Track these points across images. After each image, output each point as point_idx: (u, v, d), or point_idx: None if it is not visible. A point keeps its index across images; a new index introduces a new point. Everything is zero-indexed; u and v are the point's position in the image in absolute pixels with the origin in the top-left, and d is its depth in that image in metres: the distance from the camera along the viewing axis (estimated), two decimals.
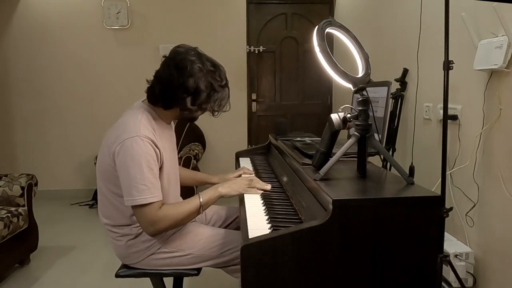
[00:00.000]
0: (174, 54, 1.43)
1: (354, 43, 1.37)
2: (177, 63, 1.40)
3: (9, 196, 2.57)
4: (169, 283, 1.78)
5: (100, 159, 1.47)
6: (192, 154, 3.59)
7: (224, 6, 4.34)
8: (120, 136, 1.37)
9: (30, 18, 4.17)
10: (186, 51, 1.43)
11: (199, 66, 1.40)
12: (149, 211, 1.36)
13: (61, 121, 4.32)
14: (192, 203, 1.44)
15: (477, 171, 1.88)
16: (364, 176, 1.30)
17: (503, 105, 1.72)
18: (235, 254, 1.50)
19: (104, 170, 1.45)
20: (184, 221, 1.44)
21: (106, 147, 1.43)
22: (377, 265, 1.06)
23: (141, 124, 1.39)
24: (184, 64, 1.39)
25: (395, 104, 2.57)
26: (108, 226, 1.53)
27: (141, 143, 1.35)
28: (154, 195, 1.36)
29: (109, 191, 1.47)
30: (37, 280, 2.47)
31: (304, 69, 4.57)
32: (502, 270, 1.76)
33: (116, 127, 1.44)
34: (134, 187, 1.34)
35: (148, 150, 1.37)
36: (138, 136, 1.36)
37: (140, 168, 1.34)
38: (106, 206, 1.51)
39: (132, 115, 1.44)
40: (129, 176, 1.35)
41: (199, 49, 1.46)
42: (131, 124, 1.39)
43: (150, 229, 1.39)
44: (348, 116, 1.25)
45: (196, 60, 1.40)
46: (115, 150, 1.37)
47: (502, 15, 1.65)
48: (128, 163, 1.34)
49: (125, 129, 1.39)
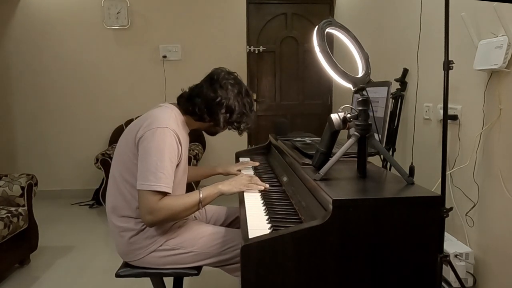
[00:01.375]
0: (217, 75, 1.59)
1: (354, 43, 1.37)
2: (221, 84, 1.56)
3: (9, 196, 2.57)
4: (169, 283, 1.78)
5: (121, 146, 1.53)
6: (192, 154, 3.59)
7: (224, 6, 4.34)
8: (152, 124, 1.45)
9: (30, 18, 4.17)
10: (227, 74, 1.61)
11: (238, 89, 1.59)
12: (153, 199, 1.39)
13: (61, 121, 4.32)
14: (191, 197, 1.47)
15: (477, 171, 1.88)
16: (364, 176, 1.30)
17: (503, 105, 1.72)
18: (235, 252, 1.51)
19: (123, 157, 1.50)
20: (181, 214, 1.46)
21: (132, 133, 1.49)
22: (377, 265, 1.06)
23: (171, 119, 1.50)
24: (226, 86, 1.56)
25: (395, 104, 2.57)
26: (113, 216, 1.55)
27: (169, 135, 1.43)
28: (167, 185, 1.41)
29: (123, 179, 1.50)
30: (37, 280, 2.47)
31: (304, 69, 4.57)
32: (502, 270, 1.76)
33: (147, 117, 1.51)
34: (153, 173, 1.39)
35: (173, 143, 1.45)
36: (168, 128, 1.44)
37: (162, 156, 1.40)
38: (115, 195, 1.54)
39: (164, 110, 1.54)
40: (150, 160, 1.40)
41: (237, 75, 1.65)
42: (163, 116, 1.49)
43: (148, 218, 1.41)
44: (348, 116, 1.25)
45: (235, 84, 1.59)
46: (143, 135, 1.44)
47: (502, 15, 1.65)
48: (153, 148, 1.41)
49: (157, 119, 1.47)
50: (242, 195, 1.52)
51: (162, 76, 4.24)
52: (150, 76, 4.28)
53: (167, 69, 4.27)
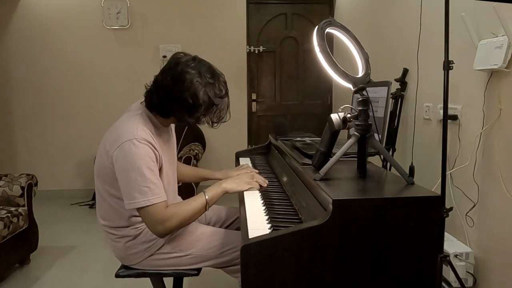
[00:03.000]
0: (174, 64, 1.40)
1: (354, 43, 1.37)
2: (176, 75, 1.38)
3: (9, 196, 2.57)
4: (169, 283, 1.78)
5: (98, 161, 1.46)
6: (192, 154, 3.59)
7: (224, 6, 4.34)
8: (118, 140, 1.36)
9: (30, 18, 4.17)
10: (186, 61, 1.40)
11: (197, 79, 1.37)
12: (156, 211, 1.35)
13: (61, 121, 4.32)
14: (198, 201, 1.44)
15: (477, 171, 1.88)
16: (364, 176, 1.30)
17: (503, 105, 1.72)
18: (234, 254, 1.49)
19: (102, 172, 1.44)
20: (191, 219, 1.43)
21: (104, 150, 1.42)
22: (377, 265, 1.06)
23: (138, 127, 1.38)
24: (183, 77, 1.37)
25: (395, 104, 2.57)
26: (106, 228, 1.53)
27: (139, 146, 1.34)
28: (158, 196, 1.35)
29: (107, 193, 1.47)
30: (37, 280, 2.47)
31: (304, 69, 4.57)
32: (502, 270, 1.76)
33: (113, 130, 1.43)
34: (137, 190, 1.33)
35: (146, 152, 1.36)
36: (135, 139, 1.34)
37: (140, 170, 1.33)
38: (104, 208, 1.51)
39: (129, 118, 1.44)
40: (129, 179, 1.33)
41: (199, 58, 1.44)
42: (128, 127, 1.38)
43: (159, 229, 1.37)
44: (348, 116, 1.25)
45: (195, 72, 1.38)
46: (113, 154, 1.36)
47: (502, 15, 1.65)
48: (127, 166, 1.33)
49: (122, 133, 1.37)
50: (242, 195, 1.51)
51: None
52: (150, 76, 4.24)
53: None
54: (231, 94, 1.53)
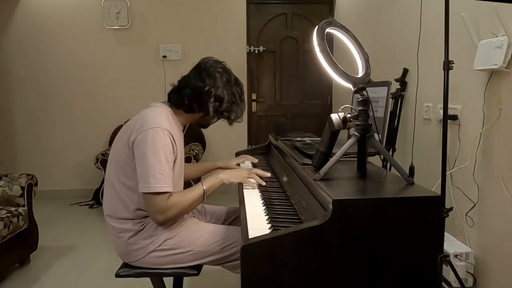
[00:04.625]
0: (205, 64, 1.57)
1: (354, 43, 1.37)
2: (208, 73, 1.55)
3: (9, 196, 2.57)
4: (169, 283, 1.78)
5: (116, 149, 1.54)
6: (192, 154, 3.59)
7: (224, 6, 4.34)
8: (143, 126, 1.45)
9: (30, 18, 4.17)
10: (215, 62, 1.59)
11: (227, 78, 1.57)
12: (160, 200, 1.42)
13: (61, 121, 4.32)
14: (196, 190, 1.51)
15: (477, 171, 1.88)
16: (364, 176, 1.30)
17: (503, 105, 1.72)
18: (235, 249, 1.51)
19: (118, 160, 1.51)
20: (189, 208, 1.51)
21: (125, 136, 1.49)
22: (377, 265, 1.06)
23: (163, 118, 1.49)
24: (214, 74, 1.54)
25: (395, 104, 2.57)
26: (110, 219, 1.55)
27: (161, 134, 1.43)
28: (168, 185, 1.43)
29: (119, 181, 1.51)
30: (37, 280, 2.47)
31: (304, 69, 4.57)
32: (502, 270, 1.76)
33: (138, 119, 1.51)
34: (152, 175, 1.40)
35: (167, 142, 1.45)
36: (160, 127, 1.44)
37: (158, 157, 1.41)
38: (112, 197, 1.54)
39: (155, 109, 1.54)
40: (148, 163, 1.41)
41: (226, 64, 1.63)
42: (154, 117, 1.48)
43: (159, 217, 1.44)
44: (348, 116, 1.25)
45: (224, 72, 1.57)
46: (136, 138, 1.44)
47: (502, 15, 1.65)
48: (148, 151, 1.41)
49: (148, 120, 1.47)
50: (242, 195, 1.52)
51: (162, 76, 4.24)
52: (150, 76, 4.28)
53: (167, 69, 4.26)
54: None
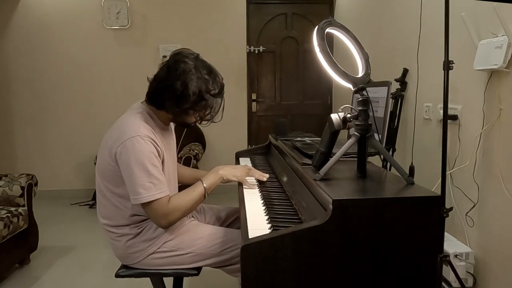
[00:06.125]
0: (172, 56, 1.46)
1: (354, 43, 1.37)
2: (170, 64, 1.43)
3: (9, 196, 2.57)
4: (169, 283, 1.78)
5: (101, 160, 1.48)
6: (192, 154, 3.59)
7: (224, 6, 4.34)
8: (121, 137, 1.39)
9: (30, 18, 4.17)
10: (185, 55, 1.44)
11: (191, 70, 1.40)
12: (159, 206, 1.40)
13: (61, 121, 4.32)
14: (197, 190, 1.50)
15: (477, 171, 1.88)
16: (364, 176, 1.30)
17: (503, 105, 1.72)
18: (235, 252, 1.50)
19: (105, 170, 1.46)
20: (192, 208, 1.50)
21: (107, 148, 1.44)
22: (377, 265, 1.06)
23: (140, 124, 1.41)
24: (176, 66, 1.41)
25: (395, 104, 2.57)
26: (107, 227, 1.54)
27: (142, 142, 1.37)
28: (161, 191, 1.39)
29: (109, 191, 1.48)
30: (37, 280, 2.47)
31: (304, 69, 4.57)
32: (502, 270, 1.76)
33: (115, 128, 1.46)
34: (141, 186, 1.36)
35: (149, 148, 1.39)
36: (138, 135, 1.38)
37: (144, 166, 1.36)
38: (106, 206, 1.51)
39: (131, 115, 1.46)
40: (133, 175, 1.37)
41: (200, 56, 1.47)
42: (130, 124, 1.41)
43: (163, 222, 1.43)
44: (348, 116, 1.25)
45: (191, 64, 1.41)
46: (116, 151, 1.39)
47: (502, 15, 1.65)
48: (131, 163, 1.36)
49: (124, 130, 1.40)
50: (242, 195, 1.52)
51: None
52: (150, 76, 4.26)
53: None
54: (231, 94, 1.55)
